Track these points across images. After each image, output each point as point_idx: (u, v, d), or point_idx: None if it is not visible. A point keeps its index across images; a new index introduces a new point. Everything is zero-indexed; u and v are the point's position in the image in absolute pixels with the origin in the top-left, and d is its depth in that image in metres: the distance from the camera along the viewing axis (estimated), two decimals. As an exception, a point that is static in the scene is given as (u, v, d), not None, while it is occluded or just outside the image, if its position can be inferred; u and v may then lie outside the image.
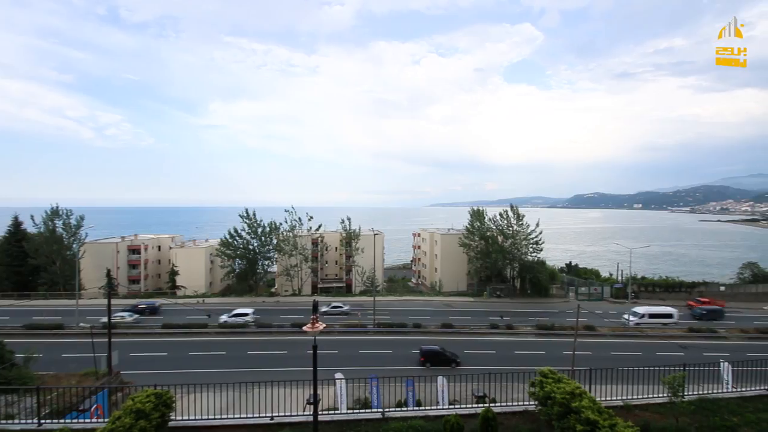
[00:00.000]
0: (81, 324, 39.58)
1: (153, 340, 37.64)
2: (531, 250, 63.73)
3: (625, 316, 45.24)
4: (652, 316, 44.79)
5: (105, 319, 25.64)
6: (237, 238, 62.29)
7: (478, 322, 43.95)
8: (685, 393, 13.06)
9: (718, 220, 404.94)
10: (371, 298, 46.72)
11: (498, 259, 62.86)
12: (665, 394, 12.89)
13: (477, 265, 65.67)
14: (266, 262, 64.97)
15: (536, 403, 11.31)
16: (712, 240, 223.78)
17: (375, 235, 59.45)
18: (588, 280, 68.58)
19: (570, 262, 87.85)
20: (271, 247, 64.55)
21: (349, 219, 72.13)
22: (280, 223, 66.09)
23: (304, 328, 10.12)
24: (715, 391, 14.04)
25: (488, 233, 65.00)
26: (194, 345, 36.02)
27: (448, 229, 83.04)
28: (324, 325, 10.39)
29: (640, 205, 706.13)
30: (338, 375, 17.83)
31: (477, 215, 67.31)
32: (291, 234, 65.72)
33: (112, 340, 22.48)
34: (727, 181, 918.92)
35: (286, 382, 14.11)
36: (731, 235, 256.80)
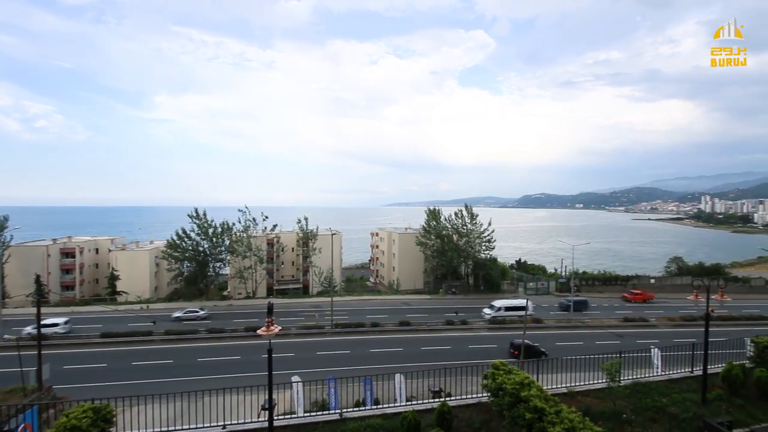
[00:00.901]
0: (6, 336, 35.67)
1: (91, 350, 34.69)
2: (484, 248, 66.36)
3: (485, 310, 46.76)
4: (507, 309, 45.81)
5: (32, 329, 23.24)
6: (185, 239, 59.08)
7: (434, 319, 44.93)
8: (621, 378, 14.21)
9: (649, 219, 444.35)
10: (329, 299, 46.28)
11: (453, 257, 64.72)
12: (604, 380, 13.95)
13: (433, 263, 67.20)
14: (218, 265, 62.17)
15: (489, 394, 11.79)
16: (643, 237, 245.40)
17: (333, 234, 58.90)
18: (536, 275, 72.48)
19: (520, 259, 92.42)
20: (223, 249, 61.86)
21: (306, 219, 70.94)
22: (233, 224, 63.56)
23: (259, 331, 9.83)
24: (647, 375, 15.39)
25: (444, 232, 66.72)
26: (138, 354, 33.67)
27: (406, 229, 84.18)
28: (279, 328, 10.15)
29: (582, 205, 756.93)
30: (295, 378, 17.50)
31: (433, 215, 68.83)
32: (245, 234, 63.40)
33: (43, 352, 20.46)
34: (656, 184, 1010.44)
35: (239, 388, 13.59)
36: (660, 233, 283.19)
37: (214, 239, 60.35)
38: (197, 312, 45.62)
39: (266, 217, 66.72)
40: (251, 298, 59.20)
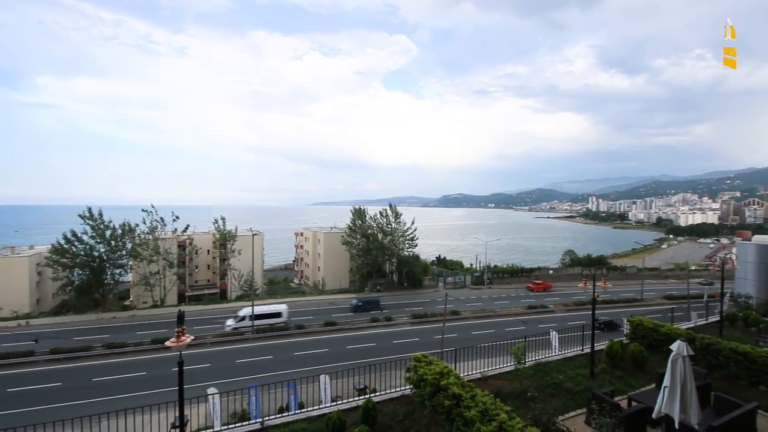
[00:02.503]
0: None
1: (-57, 381, 28.49)
2: (407, 246, 68.75)
3: (228, 321, 40.90)
4: (256, 317, 40.26)
5: None
6: (76, 243, 51.39)
7: (360, 317, 45.26)
8: (527, 360, 15.78)
9: (548, 217, 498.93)
10: (250, 303, 43.97)
11: (378, 256, 65.90)
12: (512, 363, 15.35)
13: (359, 262, 67.67)
14: (117, 271, 55.06)
15: (411, 386, 12.24)
16: (543, 233, 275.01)
17: (254, 235, 55.98)
18: (454, 270, 77.03)
19: (440, 256, 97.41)
20: (124, 253, 54.98)
21: (223, 219, 66.48)
22: (137, 225, 56.95)
23: (167, 343, 8.96)
24: (547, 355, 17.25)
25: (369, 231, 67.58)
26: (16, 379, 28.51)
27: (331, 228, 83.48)
28: (191, 338, 9.37)
29: (493, 205, 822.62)
30: (211, 390, 16.35)
31: (359, 214, 69.29)
32: (150, 237, 57.24)
33: None
34: (554, 186, 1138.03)
35: (146, 407, 12.26)
36: (557, 229, 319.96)
37: (113, 242, 53.40)
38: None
39: (177, 218, 60.98)
40: (159, 307, 53.70)
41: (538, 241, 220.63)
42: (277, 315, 41.95)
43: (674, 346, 8.91)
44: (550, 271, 77.83)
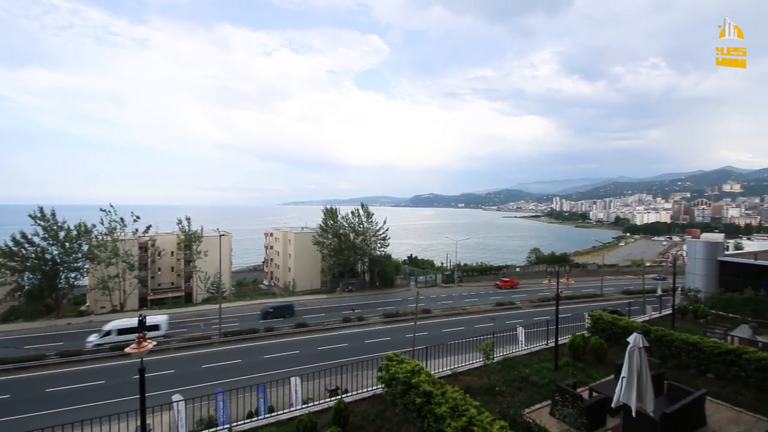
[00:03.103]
0: None
1: None
2: (379, 245, 68.89)
3: (90, 338, 35.47)
4: (123, 331, 34.83)
5: None
6: (26, 245, 48.02)
7: (331, 318, 44.91)
8: (495, 356, 16.19)
9: (515, 217, 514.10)
10: (217, 306, 42.68)
11: (350, 256, 65.66)
12: (481, 359, 15.70)
13: (330, 262, 67.17)
14: (73, 274, 51.92)
15: (383, 385, 12.27)
16: (511, 232, 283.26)
17: (221, 236, 54.29)
18: (425, 270, 77.94)
19: (411, 255, 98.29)
20: (79, 255, 51.91)
21: (188, 219, 64.12)
22: (94, 225, 53.90)
23: (127, 349, 8.54)
24: (514, 350, 17.77)
25: (341, 231, 67.21)
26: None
27: (302, 228, 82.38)
28: (153, 343, 8.97)
29: (463, 205, 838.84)
30: (176, 396, 15.74)
31: (330, 214, 68.75)
32: (109, 238, 54.36)
33: None
34: (520, 186, 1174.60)
35: (104, 417, 11.62)
36: (523, 228, 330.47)
37: (68, 244, 50.32)
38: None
39: (137, 218, 58.21)
40: (119, 312, 51.07)
41: (505, 240, 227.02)
42: (155, 328, 36.61)
43: (631, 339, 9.42)
44: (517, 269, 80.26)
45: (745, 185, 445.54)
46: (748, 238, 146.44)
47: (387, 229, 69.33)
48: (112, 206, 56.29)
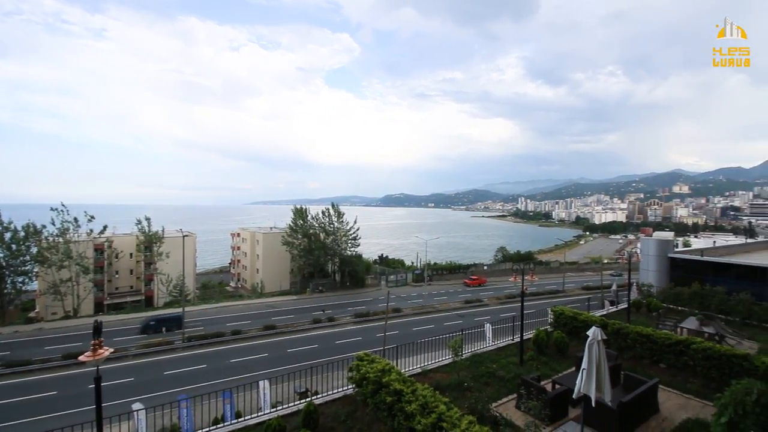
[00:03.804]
0: None
1: None
2: (350, 245, 68.58)
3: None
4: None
5: None
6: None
7: (301, 319, 44.26)
8: (463, 352, 16.52)
9: (482, 216, 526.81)
10: (180, 310, 41.03)
11: (320, 256, 64.97)
12: (450, 356, 15.99)
13: (300, 262, 66.18)
14: (20, 279, 48.27)
15: (354, 386, 12.24)
16: (479, 231, 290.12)
17: (184, 236, 52.15)
18: (396, 269, 78.37)
19: (382, 254, 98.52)
20: (28, 258, 48.37)
21: (147, 219, 61.19)
22: (44, 226, 50.38)
23: (82, 357, 8.04)
24: (482, 346, 18.21)
25: (311, 231, 66.39)
26: None
27: (271, 228, 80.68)
28: (110, 351, 8.50)
29: (433, 204, 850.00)
30: (136, 405, 15.03)
31: (300, 213, 67.75)
32: (61, 239, 51.00)
33: None
34: (487, 186, 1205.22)
35: (56, 430, 10.88)
36: (491, 227, 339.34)
37: (14, 246, 46.75)
38: None
39: (92, 218, 54.96)
40: (72, 318, 48.03)
41: (474, 239, 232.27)
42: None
43: (590, 332, 9.89)
44: (485, 267, 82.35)
45: (693, 187, 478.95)
46: (695, 236, 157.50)
47: (358, 229, 69.17)
48: (63, 205, 52.87)
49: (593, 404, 9.74)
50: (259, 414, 12.34)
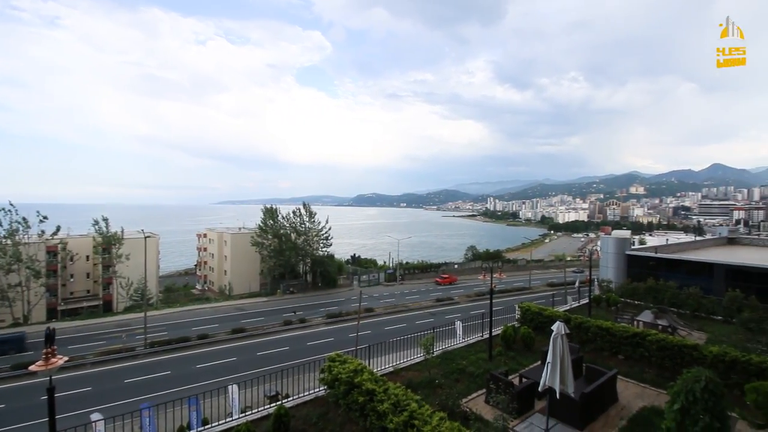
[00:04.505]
0: None
1: None
2: (321, 245, 67.93)
3: None
4: None
5: None
6: None
7: (272, 321, 43.42)
8: (435, 350, 16.76)
9: (453, 216, 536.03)
10: (141, 314, 39.23)
11: (291, 256, 63.93)
12: (422, 354, 16.17)
13: (270, 263, 64.83)
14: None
15: (325, 387, 12.15)
16: (450, 231, 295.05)
17: (146, 237, 49.83)
18: (368, 269, 78.37)
19: (354, 254, 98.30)
20: (-31, 262, 44.81)
21: (105, 219, 58.05)
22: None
23: (32, 367, 7.54)
24: (453, 344, 18.55)
25: (282, 231, 65.21)
26: None
27: (240, 229, 78.61)
28: (65, 359, 8.01)
29: (405, 204, 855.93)
30: (95, 416, 14.27)
31: (270, 213, 66.38)
32: (9, 241, 47.52)
33: None
34: (458, 187, 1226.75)
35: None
36: (461, 227, 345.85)
37: (-47, 250, 43.16)
38: None
39: (44, 218, 51.57)
40: (23, 325, 44.82)
41: (445, 238, 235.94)
42: None
43: (554, 327, 10.29)
44: (456, 266, 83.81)
45: (648, 188, 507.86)
46: (650, 235, 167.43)
47: (330, 229, 68.60)
48: (12, 205, 49.30)
49: (558, 396, 10.15)
50: (228, 420, 12.01)
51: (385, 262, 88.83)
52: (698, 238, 59.70)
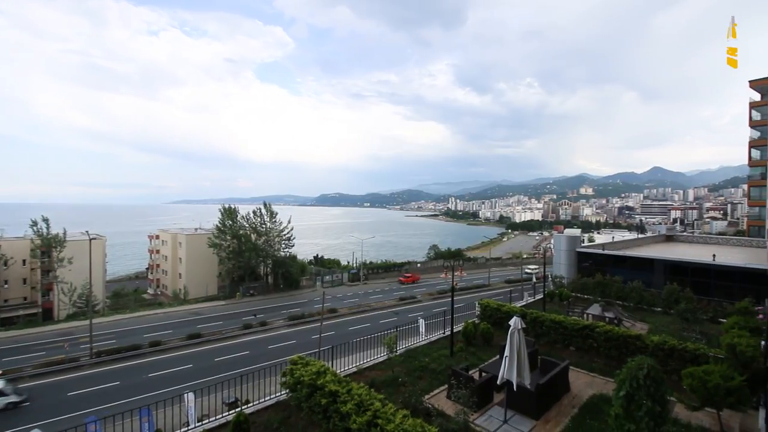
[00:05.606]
0: None
1: None
2: (283, 246, 66.47)
3: None
4: None
5: None
6: None
7: (230, 325, 41.93)
8: (398, 348, 16.93)
9: (416, 216, 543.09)
10: (86, 322, 36.56)
11: (252, 258, 62.03)
12: (385, 353, 16.28)
13: (229, 265, 62.53)
14: None
15: (287, 391, 11.92)
16: (413, 230, 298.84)
17: (91, 239, 46.34)
18: (332, 269, 77.67)
19: (317, 255, 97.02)
20: None
21: (46, 220, 53.46)
22: None
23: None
24: (416, 342, 18.80)
25: (241, 232, 63.10)
26: None
27: (195, 230, 75.23)
28: (-1, 372, 7.32)
29: (368, 204, 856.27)
30: (32, 434, 13.14)
31: (229, 213, 63.97)
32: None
33: None
34: (421, 187, 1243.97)
35: None
36: (424, 226, 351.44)
37: None
38: None
39: (-29, 220, 46.66)
40: (-58, 339, 40.32)
41: (408, 237, 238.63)
42: None
43: (512, 322, 10.73)
44: (418, 265, 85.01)
45: (596, 189, 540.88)
46: (598, 233, 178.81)
47: (292, 229, 67.29)
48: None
49: (515, 388, 10.58)
50: (184, 430, 11.48)
51: (348, 262, 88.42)
52: (640, 236, 64.36)
